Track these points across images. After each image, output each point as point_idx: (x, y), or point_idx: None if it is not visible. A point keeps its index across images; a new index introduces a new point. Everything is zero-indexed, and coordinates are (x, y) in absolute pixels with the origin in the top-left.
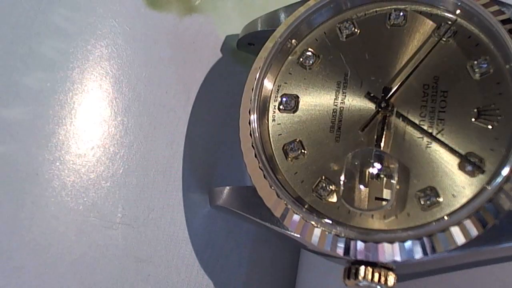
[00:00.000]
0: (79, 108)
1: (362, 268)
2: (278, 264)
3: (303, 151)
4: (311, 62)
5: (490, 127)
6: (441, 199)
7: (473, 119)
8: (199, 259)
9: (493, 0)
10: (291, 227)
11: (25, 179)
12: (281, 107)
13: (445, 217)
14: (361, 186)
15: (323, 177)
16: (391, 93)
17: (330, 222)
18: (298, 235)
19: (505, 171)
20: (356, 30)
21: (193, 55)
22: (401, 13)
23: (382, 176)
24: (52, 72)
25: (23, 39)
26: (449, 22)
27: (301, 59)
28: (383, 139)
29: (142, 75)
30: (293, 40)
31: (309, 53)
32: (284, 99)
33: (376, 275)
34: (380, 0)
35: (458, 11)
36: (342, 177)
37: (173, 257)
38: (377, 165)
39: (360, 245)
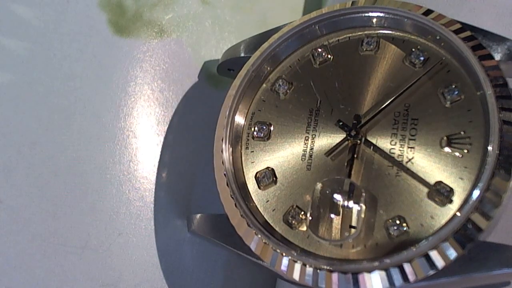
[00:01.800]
0: (47, 133)
1: None
2: None
3: (274, 179)
4: (284, 89)
5: (459, 155)
6: (409, 229)
7: (443, 147)
8: (169, 283)
9: (465, 25)
10: (261, 256)
11: None
12: (254, 134)
13: (413, 248)
14: (332, 215)
15: (294, 206)
16: (362, 122)
17: (298, 251)
18: (268, 264)
19: (473, 201)
20: (329, 56)
21: (167, 79)
22: (373, 39)
23: (350, 205)
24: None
25: None
26: (419, 47)
27: (274, 87)
28: (353, 168)
29: (115, 103)
30: (268, 68)
31: (282, 81)
32: (257, 126)
33: None
34: (352, 27)
35: (429, 37)
36: (309, 207)
37: (141, 281)
38: (345, 195)
39: (327, 275)
